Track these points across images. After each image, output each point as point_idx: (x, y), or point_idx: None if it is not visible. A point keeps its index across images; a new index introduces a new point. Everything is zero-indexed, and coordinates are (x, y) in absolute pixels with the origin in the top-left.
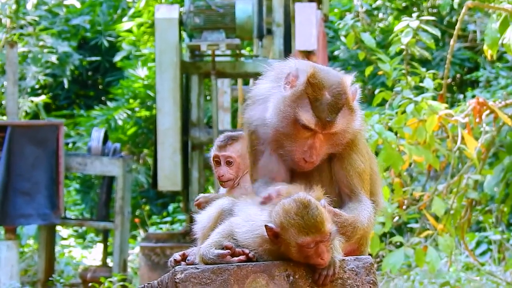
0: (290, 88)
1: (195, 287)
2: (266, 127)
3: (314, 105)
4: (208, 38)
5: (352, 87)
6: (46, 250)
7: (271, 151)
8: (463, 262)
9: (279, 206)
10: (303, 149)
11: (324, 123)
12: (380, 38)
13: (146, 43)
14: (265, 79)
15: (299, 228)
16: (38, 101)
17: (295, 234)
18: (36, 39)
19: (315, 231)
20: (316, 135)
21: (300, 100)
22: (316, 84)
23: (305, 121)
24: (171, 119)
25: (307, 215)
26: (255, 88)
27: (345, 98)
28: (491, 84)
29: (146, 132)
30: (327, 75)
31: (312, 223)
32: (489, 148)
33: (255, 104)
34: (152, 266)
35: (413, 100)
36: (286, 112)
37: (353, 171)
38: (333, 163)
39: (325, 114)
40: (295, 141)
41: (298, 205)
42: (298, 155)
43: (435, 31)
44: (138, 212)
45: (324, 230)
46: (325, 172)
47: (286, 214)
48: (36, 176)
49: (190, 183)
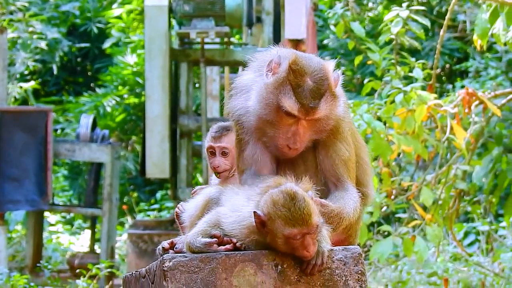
0: (272, 75)
1: (183, 275)
2: (249, 115)
3: (296, 91)
4: (198, 25)
5: (334, 73)
6: (34, 236)
7: (256, 140)
8: (451, 252)
9: (267, 197)
10: (287, 136)
11: (307, 109)
12: (370, 28)
13: (135, 30)
14: (248, 70)
15: (285, 220)
16: (27, 87)
17: (281, 226)
18: (26, 25)
19: (302, 223)
20: (299, 121)
21: (283, 86)
22: (297, 70)
23: (288, 107)
24: (160, 106)
25: (294, 207)
26: (238, 79)
27: (327, 84)
28: (481, 74)
29: (135, 119)
30: (309, 61)
31: (299, 215)
32: (478, 138)
33: (238, 94)
34: (139, 253)
35: (402, 90)
36: (268, 99)
37: (339, 160)
38: (318, 151)
39: (308, 100)
40: (278, 128)
41: (285, 197)
42: (281, 142)
43: (425, 21)
44: (126, 199)
45: (311, 223)
46: (310, 161)
47: (273, 205)
48: (24, 162)
49: (178, 170)
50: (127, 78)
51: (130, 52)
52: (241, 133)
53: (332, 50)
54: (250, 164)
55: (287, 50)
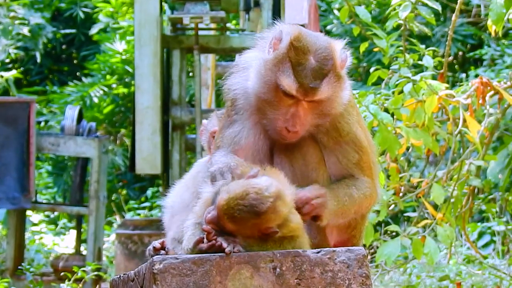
0: (273, 51)
1: (174, 278)
2: (247, 94)
3: (296, 69)
4: (191, 10)
5: (342, 53)
6: (15, 236)
7: (246, 123)
8: (464, 254)
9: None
10: (285, 117)
11: (307, 89)
12: (376, 12)
13: (124, 15)
14: (252, 49)
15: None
16: (8, 76)
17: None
18: (7, 10)
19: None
20: (299, 102)
21: (282, 64)
22: (299, 48)
23: (286, 86)
24: (151, 97)
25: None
26: (241, 57)
27: (332, 63)
28: (496, 62)
29: (124, 110)
30: (314, 39)
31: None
32: (493, 131)
33: (238, 72)
34: (129, 254)
35: (411, 79)
36: (267, 77)
37: (350, 164)
38: (325, 156)
39: (308, 79)
40: (277, 108)
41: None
42: (280, 124)
43: (435, 5)
44: (114, 197)
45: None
46: (311, 155)
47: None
48: (5, 157)
49: (170, 166)
50: (115, 66)
51: (118, 38)
52: (231, 110)
53: (335, 36)
54: (228, 144)
55: (291, 26)
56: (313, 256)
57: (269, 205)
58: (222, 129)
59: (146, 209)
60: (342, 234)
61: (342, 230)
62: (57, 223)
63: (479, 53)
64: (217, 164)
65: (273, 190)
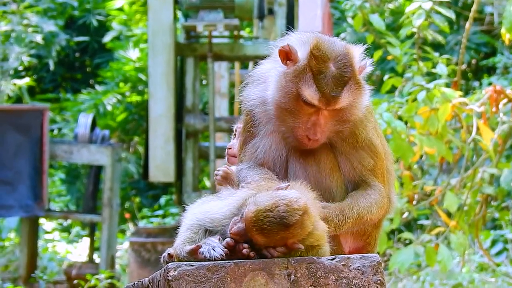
0: (292, 62)
1: (189, 285)
2: (266, 106)
3: (317, 78)
4: (205, 18)
5: (361, 59)
6: (28, 244)
7: (267, 134)
8: (477, 262)
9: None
10: (307, 126)
11: (328, 98)
12: (390, 20)
13: (138, 23)
14: (267, 60)
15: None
16: (22, 84)
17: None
18: (20, 17)
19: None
20: (320, 111)
21: (303, 74)
22: (320, 56)
23: (308, 96)
24: (164, 105)
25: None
26: (256, 68)
27: (351, 70)
28: (509, 71)
29: (137, 118)
30: (332, 45)
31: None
32: (506, 139)
33: (254, 83)
34: (142, 262)
35: (424, 87)
36: (287, 88)
37: (365, 170)
38: (340, 162)
39: (330, 88)
40: (298, 117)
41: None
42: (301, 133)
43: (449, 13)
44: (127, 205)
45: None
46: (324, 162)
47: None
48: (18, 165)
49: (183, 174)
50: (129, 74)
51: (132, 46)
52: (250, 123)
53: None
54: (251, 158)
55: (308, 34)
56: (328, 263)
57: (298, 218)
58: (244, 143)
59: (159, 217)
60: (357, 241)
61: (356, 238)
62: (70, 231)
63: (492, 61)
64: (243, 176)
65: (302, 203)
